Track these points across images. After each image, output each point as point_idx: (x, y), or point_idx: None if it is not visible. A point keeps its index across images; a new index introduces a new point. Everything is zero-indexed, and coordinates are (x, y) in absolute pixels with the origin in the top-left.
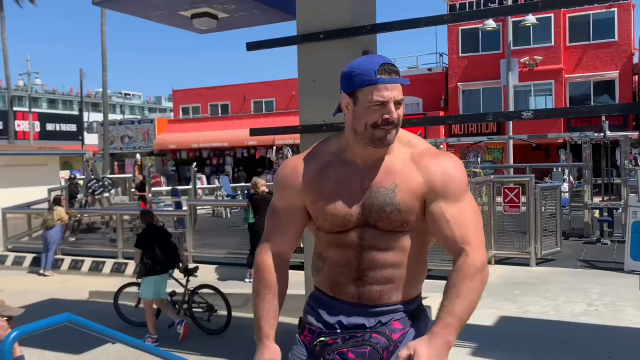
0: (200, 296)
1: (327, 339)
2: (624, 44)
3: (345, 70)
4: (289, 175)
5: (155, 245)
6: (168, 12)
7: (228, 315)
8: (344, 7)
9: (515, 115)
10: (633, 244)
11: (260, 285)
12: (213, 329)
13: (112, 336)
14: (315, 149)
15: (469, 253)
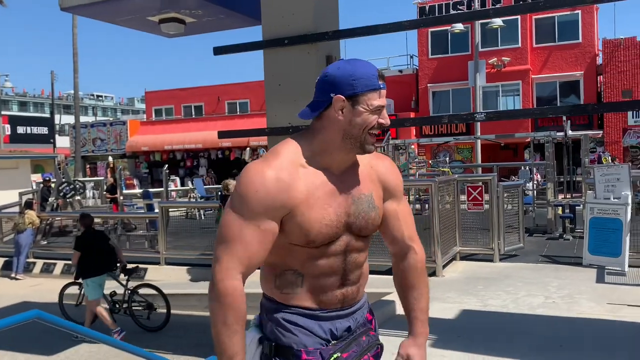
0: (140, 295)
1: (340, 353)
2: (588, 45)
3: (338, 73)
4: (275, 188)
5: (94, 247)
6: (136, 17)
7: (167, 313)
8: (306, 14)
9: (470, 117)
10: (591, 239)
11: (231, 316)
12: (152, 327)
13: (82, 332)
14: (284, 154)
15: (417, 250)
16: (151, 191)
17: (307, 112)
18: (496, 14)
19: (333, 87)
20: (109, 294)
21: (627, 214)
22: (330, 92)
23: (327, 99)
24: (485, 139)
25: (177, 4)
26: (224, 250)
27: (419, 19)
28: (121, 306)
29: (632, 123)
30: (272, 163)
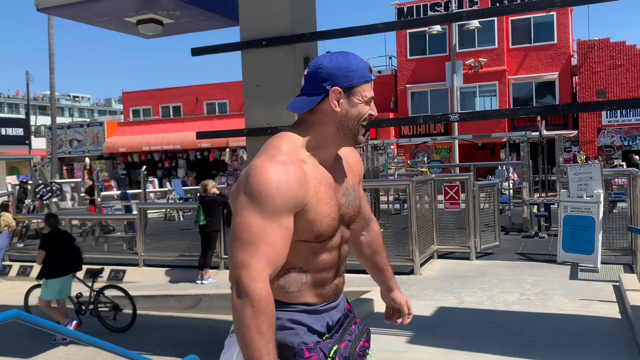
0: (105, 296)
1: (338, 345)
2: (563, 47)
3: (332, 65)
4: (295, 183)
5: (59, 248)
6: (113, 18)
7: (133, 314)
8: (284, 16)
9: (444, 118)
10: (564, 236)
11: (266, 322)
12: (118, 327)
13: (62, 332)
14: (288, 150)
15: (375, 221)
16: (129, 193)
17: (303, 104)
18: (469, 17)
19: (329, 79)
20: (75, 296)
21: (600, 211)
22: (325, 84)
23: (322, 91)
24: (462, 139)
25: (154, 5)
26: (250, 253)
27: (393, 22)
28: (87, 307)
29: (606, 123)
30: (282, 159)
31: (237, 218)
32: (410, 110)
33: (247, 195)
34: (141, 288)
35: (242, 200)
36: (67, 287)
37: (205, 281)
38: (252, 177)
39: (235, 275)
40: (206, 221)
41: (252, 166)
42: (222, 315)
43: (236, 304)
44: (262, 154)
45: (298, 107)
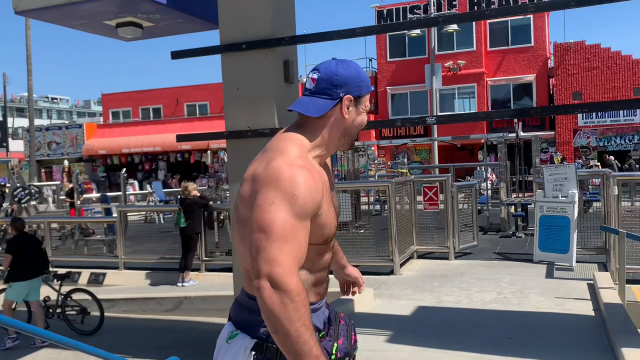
0: (73, 300)
1: (336, 342)
2: (540, 49)
3: (347, 73)
4: (319, 187)
5: (26, 251)
6: (92, 21)
7: (101, 317)
8: (264, 19)
9: (421, 121)
10: (541, 236)
11: (307, 314)
12: (86, 331)
13: (38, 333)
14: (300, 153)
15: None
16: (109, 195)
17: (315, 107)
18: (445, 22)
19: (343, 87)
20: (43, 299)
21: (574, 211)
22: (340, 91)
23: (336, 97)
24: (441, 141)
25: (134, 8)
26: (281, 249)
27: (371, 27)
28: (55, 311)
29: (582, 124)
30: (302, 163)
31: (267, 214)
32: (391, 112)
33: (279, 193)
34: (122, 291)
35: (272, 196)
36: (36, 290)
37: (186, 283)
38: (285, 178)
39: (267, 272)
40: (187, 223)
41: (280, 165)
42: (203, 318)
43: (273, 300)
44: (275, 156)
45: (311, 110)
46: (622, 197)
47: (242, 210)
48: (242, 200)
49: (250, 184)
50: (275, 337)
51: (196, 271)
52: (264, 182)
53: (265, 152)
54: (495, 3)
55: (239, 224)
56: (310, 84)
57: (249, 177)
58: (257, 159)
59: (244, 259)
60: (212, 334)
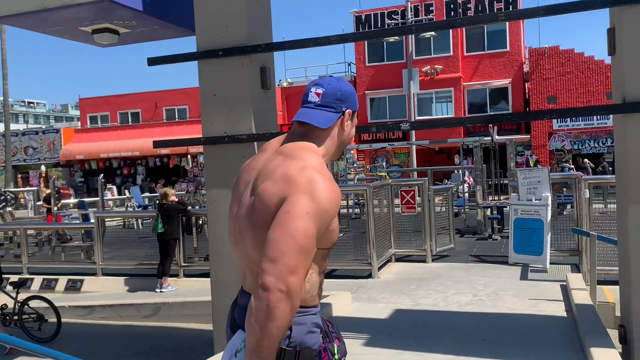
0: (30, 307)
1: (335, 344)
2: (515, 54)
3: (348, 90)
4: (340, 197)
5: None
6: (68, 28)
7: (58, 324)
8: (240, 26)
9: (396, 127)
10: (515, 238)
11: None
12: (43, 338)
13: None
14: (322, 163)
15: None
16: (86, 201)
17: (324, 119)
18: (418, 30)
19: (345, 102)
20: (0, 307)
21: (548, 214)
22: (343, 106)
23: (339, 110)
24: (419, 145)
25: (110, 14)
26: (302, 260)
27: (346, 34)
28: (12, 318)
29: (557, 127)
30: (327, 174)
31: (300, 222)
32: (370, 116)
33: (314, 205)
34: (99, 297)
35: (308, 206)
36: None
37: (165, 289)
38: (321, 190)
39: (288, 279)
40: (164, 229)
41: (313, 176)
42: (182, 323)
43: (281, 306)
44: (306, 163)
45: (320, 121)
46: (595, 199)
47: (264, 211)
48: (263, 201)
49: (279, 186)
50: (257, 333)
51: (175, 277)
52: (301, 188)
53: (284, 155)
54: (471, 9)
55: (255, 227)
56: (315, 98)
57: (278, 177)
58: (274, 160)
59: (255, 262)
60: (191, 340)
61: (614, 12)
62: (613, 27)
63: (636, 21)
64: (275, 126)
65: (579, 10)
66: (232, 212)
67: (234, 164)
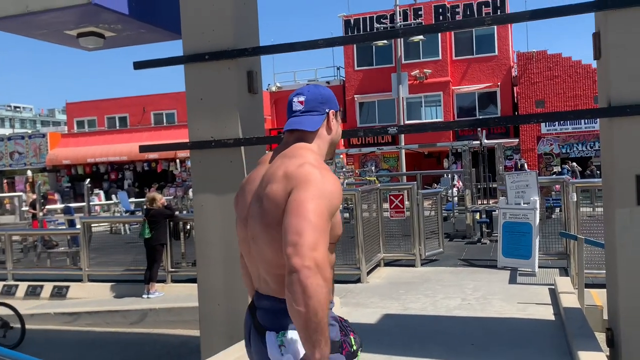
0: None
1: (354, 337)
2: (504, 58)
3: (327, 93)
4: (340, 187)
5: None
6: (53, 31)
7: (22, 330)
8: (227, 30)
9: (383, 131)
10: (504, 242)
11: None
12: (8, 345)
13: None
14: (319, 159)
15: None
16: (72, 206)
17: (312, 122)
18: (405, 34)
19: (327, 104)
20: None
21: (536, 218)
22: (325, 107)
23: (323, 112)
24: (409, 149)
25: (95, 18)
26: (322, 239)
27: (333, 38)
28: None
29: (545, 131)
30: (326, 167)
31: (311, 204)
32: (359, 120)
33: (318, 190)
34: (85, 304)
35: (313, 190)
36: None
37: (152, 295)
38: (321, 177)
39: (313, 256)
40: (151, 234)
41: (318, 168)
42: (169, 330)
43: (314, 282)
44: (303, 160)
45: (309, 124)
46: (583, 203)
47: (274, 210)
48: (272, 199)
49: (283, 183)
50: (302, 314)
51: (162, 282)
52: (302, 179)
53: (284, 157)
54: (459, 13)
55: (269, 227)
56: (299, 106)
57: (279, 176)
58: (275, 164)
59: (273, 263)
60: (178, 347)
61: (599, 16)
62: (598, 32)
63: (620, 25)
64: (263, 131)
65: (564, 15)
66: (241, 222)
67: (221, 168)
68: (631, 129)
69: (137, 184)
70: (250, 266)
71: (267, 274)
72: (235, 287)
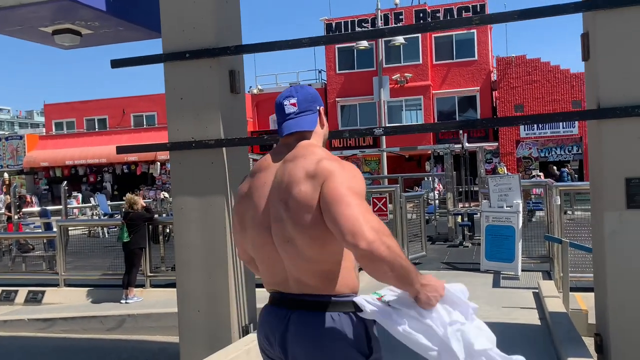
0: None
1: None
2: (483, 63)
3: (313, 91)
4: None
5: None
6: (27, 28)
7: None
8: (208, 28)
9: (369, 132)
10: (487, 245)
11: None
12: None
13: None
14: (327, 151)
15: None
16: (49, 209)
17: (309, 122)
18: (391, 33)
19: (316, 102)
20: None
21: (519, 221)
22: (316, 105)
23: (315, 110)
24: (390, 152)
25: (71, 15)
26: (367, 210)
27: (318, 37)
28: None
29: (524, 135)
30: (336, 157)
31: (346, 190)
32: (340, 124)
33: (345, 176)
34: (61, 310)
35: (342, 179)
36: None
37: (130, 300)
38: (343, 166)
39: (370, 233)
40: (130, 238)
41: (346, 162)
42: (147, 336)
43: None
44: (320, 157)
45: (307, 124)
46: (564, 206)
47: (307, 210)
48: (303, 201)
49: (309, 182)
50: (392, 276)
51: (141, 287)
52: (327, 173)
53: (297, 158)
54: (440, 17)
55: (306, 228)
56: (292, 108)
57: (301, 178)
58: (287, 167)
59: (315, 260)
60: (157, 353)
61: (587, 17)
62: (587, 32)
63: (610, 26)
64: (245, 132)
65: (552, 15)
66: (256, 229)
67: (202, 170)
68: (621, 131)
69: (117, 186)
70: (274, 268)
71: (306, 272)
72: (217, 293)
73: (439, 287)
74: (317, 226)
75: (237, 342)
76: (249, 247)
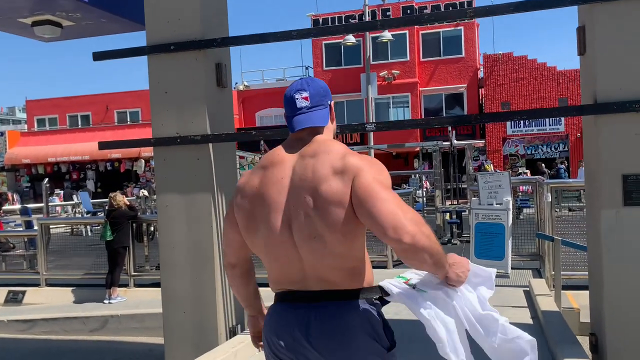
0: None
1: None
2: (470, 60)
3: (324, 84)
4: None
5: None
6: (5, 19)
7: None
8: (194, 20)
9: (361, 128)
10: (476, 243)
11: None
12: None
13: None
14: (345, 146)
15: None
16: (30, 207)
17: (323, 117)
18: (383, 25)
19: (327, 96)
20: None
21: (509, 218)
22: (327, 100)
23: (327, 105)
24: (377, 149)
25: (51, 5)
26: (402, 203)
27: (307, 29)
28: None
29: (510, 133)
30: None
31: (377, 186)
32: None
33: (374, 170)
34: (42, 310)
35: (371, 173)
36: None
37: (114, 300)
38: (368, 160)
39: (410, 221)
40: (113, 237)
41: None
42: (131, 337)
43: (428, 244)
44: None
45: (320, 120)
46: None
47: (338, 207)
48: (333, 198)
49: (339, 179)
50: (435, 260)
51: (124, 287)
52: (355, 169)
53: (319, 154)
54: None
55: (337, 225)
56: (304, 102)
57: (328, 174)
58: (308, 162)
59: (345, 256)
60: (141, 355)
61: (584, 10)
62: (583, 26)
63: (607, 19)
64: (232, 127)
65: (549, 7)
66: (271, 226)
67: (187, 166)
68: (617, 127)
69: (100, 184)
70: (289, 267)
71: (332, 270)
72: (203, 293)
73: (465, 264)
74: (349, 222)
75: (225, 344)
76: (255, 246)
